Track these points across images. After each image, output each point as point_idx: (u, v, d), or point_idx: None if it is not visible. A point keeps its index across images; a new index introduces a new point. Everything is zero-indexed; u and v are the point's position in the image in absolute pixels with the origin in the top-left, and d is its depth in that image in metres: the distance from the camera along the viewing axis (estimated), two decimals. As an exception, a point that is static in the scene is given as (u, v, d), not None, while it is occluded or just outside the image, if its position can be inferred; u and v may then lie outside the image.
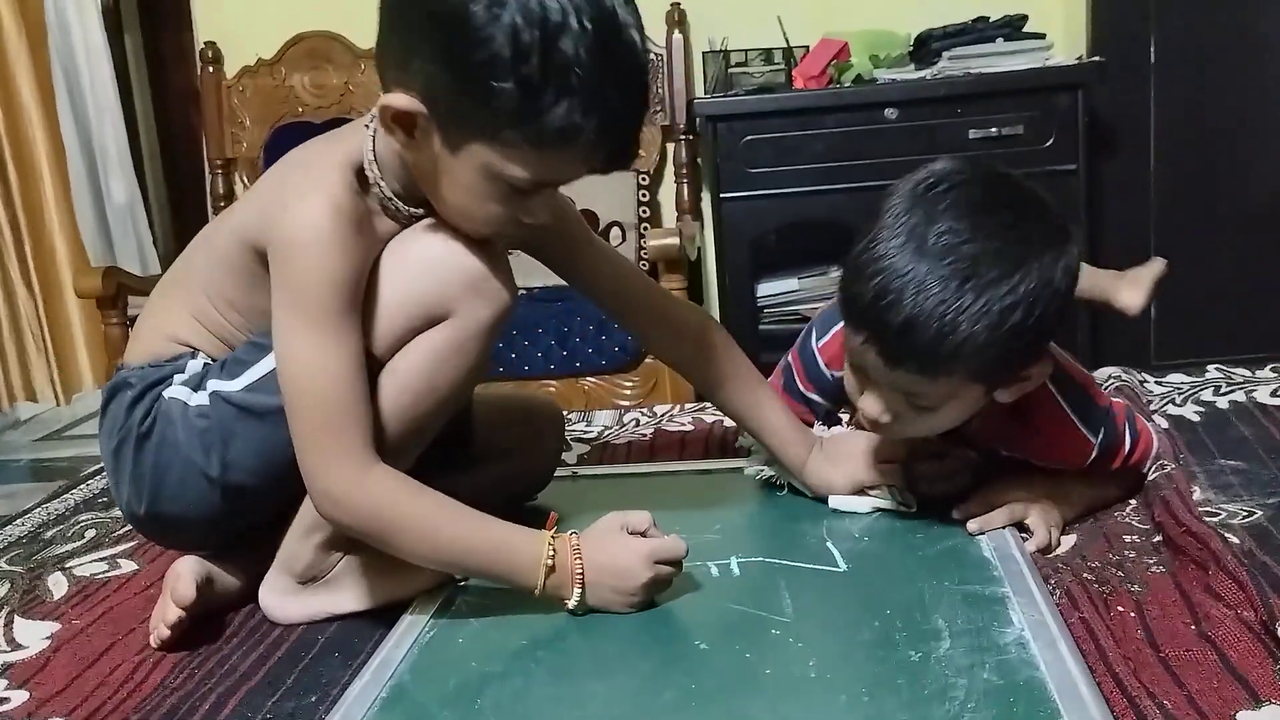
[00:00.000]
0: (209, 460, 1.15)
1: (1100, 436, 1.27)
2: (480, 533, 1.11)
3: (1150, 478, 1.31)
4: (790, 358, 1.47)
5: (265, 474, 1.16)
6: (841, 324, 1.23)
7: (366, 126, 1.15)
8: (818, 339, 1.41)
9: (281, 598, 1.21)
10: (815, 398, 1.44)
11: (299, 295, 1.08)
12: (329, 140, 1.19)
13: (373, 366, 1.13)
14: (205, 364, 1.20)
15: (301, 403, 1.08)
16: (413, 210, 1.16)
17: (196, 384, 1.18)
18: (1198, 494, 1.30)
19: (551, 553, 1.09)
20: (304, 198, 1.09)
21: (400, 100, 1.04)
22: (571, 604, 1.11)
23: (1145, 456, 1.33)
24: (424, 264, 1.14)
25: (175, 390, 1.18)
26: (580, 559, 1.10)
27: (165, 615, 1.15)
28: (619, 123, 1.04)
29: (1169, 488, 1.26)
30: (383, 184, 1.14)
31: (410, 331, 1.14)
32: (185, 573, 1.17)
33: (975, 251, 1.08)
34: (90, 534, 1.52)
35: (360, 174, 1.14)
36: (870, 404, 1.20)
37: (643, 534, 1.13)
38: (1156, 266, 1.56)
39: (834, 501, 1.33)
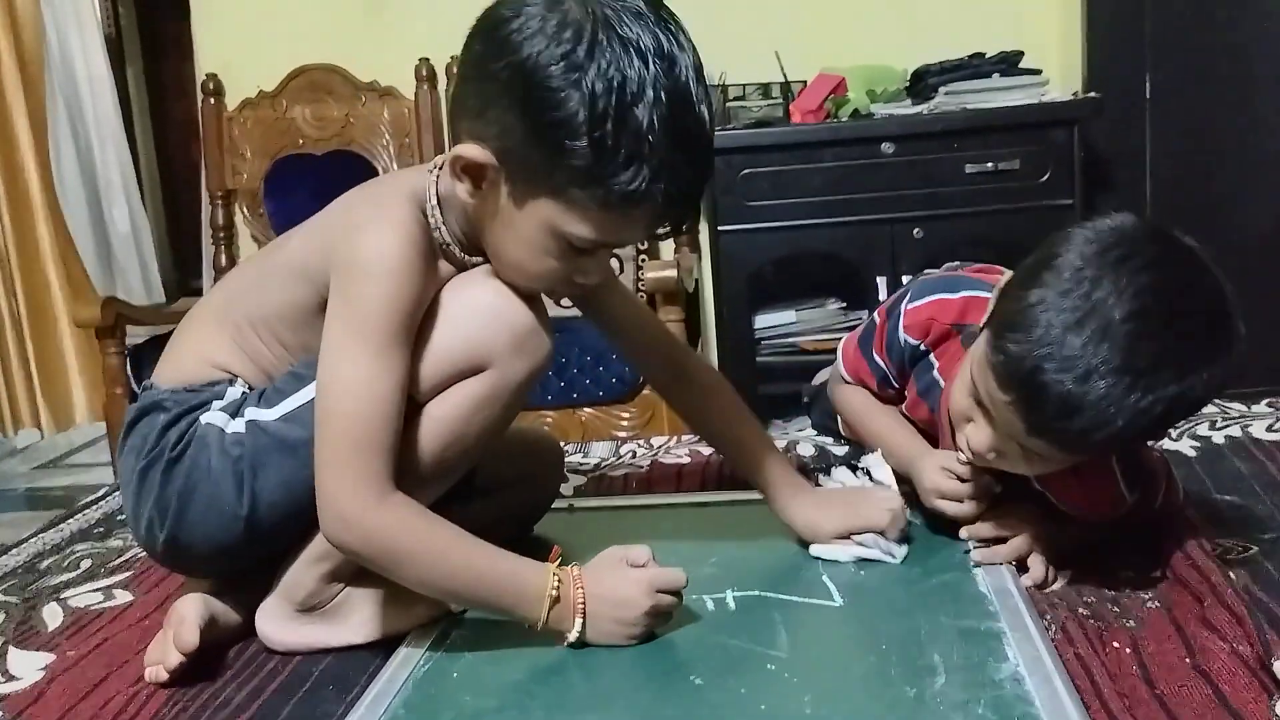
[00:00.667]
0: (237, 488, 1.15)
1: (1135, 494, 1.26)
2: (487, 563, 1.11)
3: (1158, 507, 1.30)
4: (876, 315, 1.47)
5: (288, 508, 1.16)
6: (938, 296, 1.31)
7: (431, 171, 1.17)
8: (910, 301, 1.41)
9: (279, 625, 1.21)
10: (880, 362, 1.45)
11: (358, 316, 1.09)
12: (394, 178, 1.23)
13: (410, 405, 1.13)
14: (244, 392, 1.21)
15: (335, 420, 1.08)
16: (470, 259, 1.18)
17: (234, 411, 1.19)
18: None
19: (556, 583, 1.10)
20: (376, 226, 1.11)
21: (473, 151, 1.07)
22: (572, 636, 1.11)
23: (1169, 508, 1.31)
24: (472, 312, 1.15)
25: (213, 416, 1.19)
26: (582, 590, 1.11)
27: (166, 658, 1.14)
28: (683, 192, 1.07)
29: (1182, 523, 1.25)
30: (443, 228, 1.16)
31: (452, 376, 1.15)
32: (190, 617, 1.16)
33: (1156, 350, 1.05)
34: (86, 564, 1.52)
35: (423, 213, 1.16)
36: (979, 437, 1.19)
37: (642, 567, 1.14)
38: None
39: (815, 549, 1.31)
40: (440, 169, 1.16)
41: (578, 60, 1.00)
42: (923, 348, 1.40)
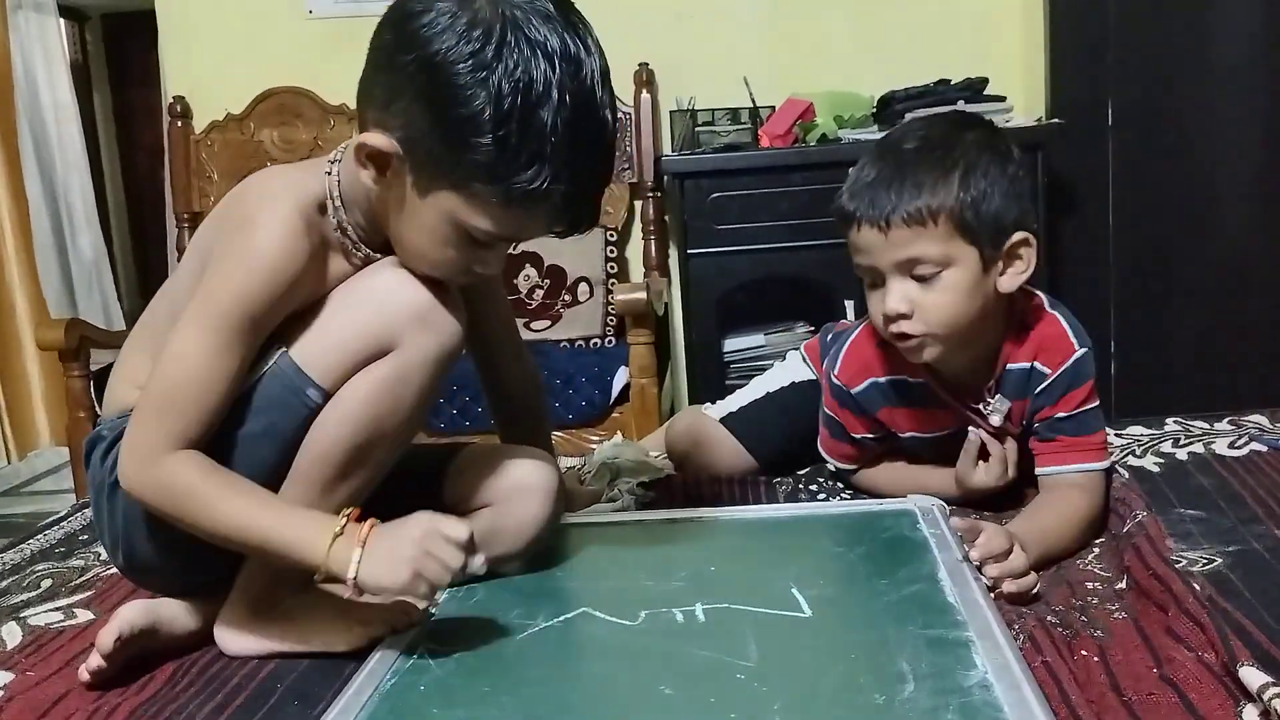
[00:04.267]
0: None
1: (1084, 347, 1.43)
2: (269, 505, 1.12)
3: (1125, 529, 1.32)
4: (830, 411, 1.59)
5: None
6: (845, 345, 1.53)
7: (330, 163, 1.18)
8: (834, 371, 1.55)
9: (233, 630, 1.20)
10: (861, 437, 1.57)
11: (212, 300, 1.11)
12: (284, 174, 1.22)
13: (324, 401, 1.15)
14: None
15: (155, 384, 1.12)
16: (370, 253, 1.19)
17: None
18: (1158, 542, 1.31)
19: (343, 523, 1.09)
20: (258, 222, 1.12)
21: (378, 140, 1.09)
22: (350, 570, 1.06)
23: (1104, 450, 1.47)
24: (371, 296, 1.16)
25: None
26: (370, 530, 1.09)
27: (87, 662, 1.15)
28: (582, 192, 1.11)
29: (1140, 534, 1.27)
30: (347, 224, 1.17)
31: (358, 364, 1.15)
32: (113, 622, 1.16)
33: (925, 132, 1.40)
34: (46, 584, 1.50)
35: (317, 208, 1.16)
36: (891, 299, 1.38)
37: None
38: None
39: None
40: (338, 163, 1.17)
41: (485, 59, 1.03)
42: (869, 384, 1.53)
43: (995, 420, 1.48)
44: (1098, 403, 1.46)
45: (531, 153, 1.05)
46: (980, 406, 1.49)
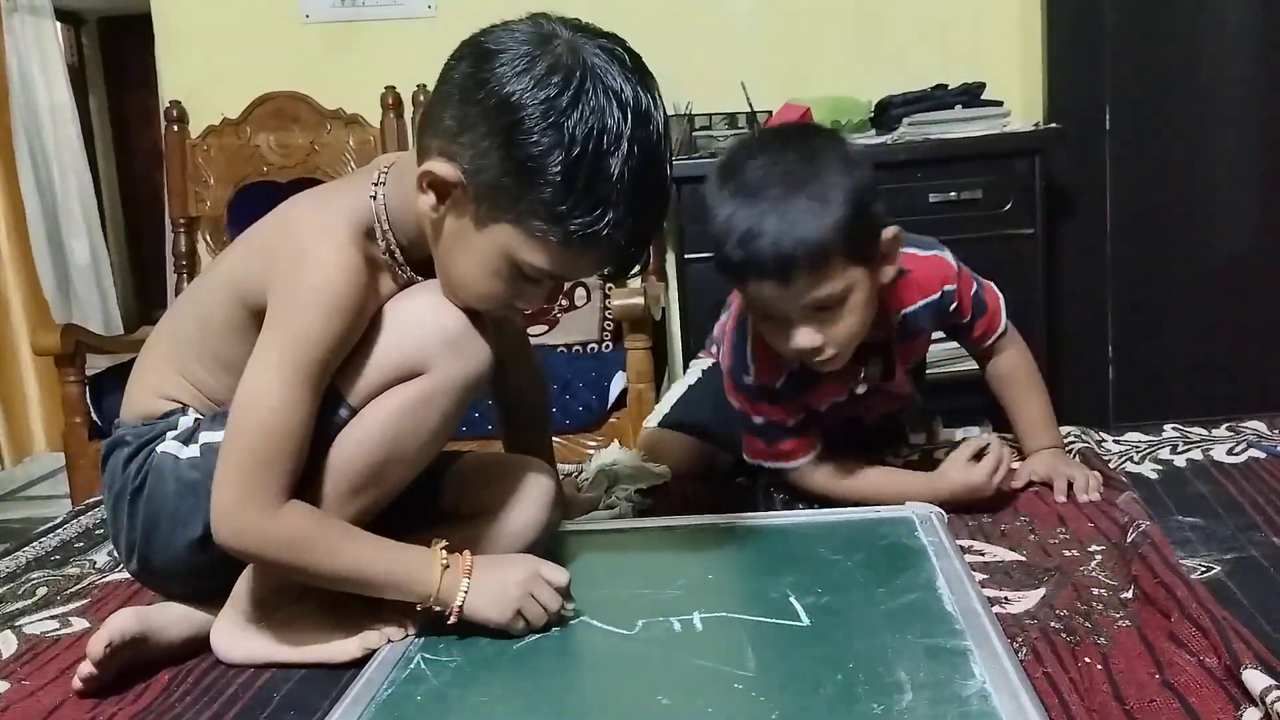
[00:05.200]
0: (195, 509, 1.16)
1: (938, 250, 1.56)
2: (378, 548, 1.15)
3: (1129, 539, 1.31)
4: (754, 417, 1.58)
5: None
6: (749, 349, 1.51)
7: (374, 185, 1.19)
8: (748, 375, 1.55)
9: (229, 637, 1.21)
10: (795, 421, 1.57)
11: (293, 343, 1.11)
12: (332, 198, 1.21)
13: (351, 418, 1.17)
14: (197, 419, 1.22)
15: (243, 435, 1.11)
16: (412, 275, 1.21)
17: (188, 438, 1.20)
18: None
19: (445, 557, 1.15)
20: (319, 255, 1.12)
21: (444, 169, 1.11)
22: (459, 599, 1.14)
23: (1000, 309, 1.62)
24: (407, 321, 1.17)
25: (168, 445, 1.21)
26: (471, 561, 1.16)
27: (79, 670, 1.15)
28: (638, 239, 1.14)
29: (1146, 543, 1.26)
30: (392, 240, 1.19)
31: (387, 385, 1.16)
32: (103, 629, 1.16)
33: (782, 170, 1.35)
34: (41, 591, 1.49)
35: (366, 233, 1.17)
36: (802, 339, 1.39)
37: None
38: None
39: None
40: (381, 185, 1.18)
41: (562, 105, 1.05)
42: (788, 375, 1.54)
43: (862, 389, 1.57)
44: (974, 282, 1.59)
45: (597, 198, 1.07)
46: (862, 376, 1.56)
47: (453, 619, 1.15)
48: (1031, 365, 1.66)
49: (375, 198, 1.19)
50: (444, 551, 1.15)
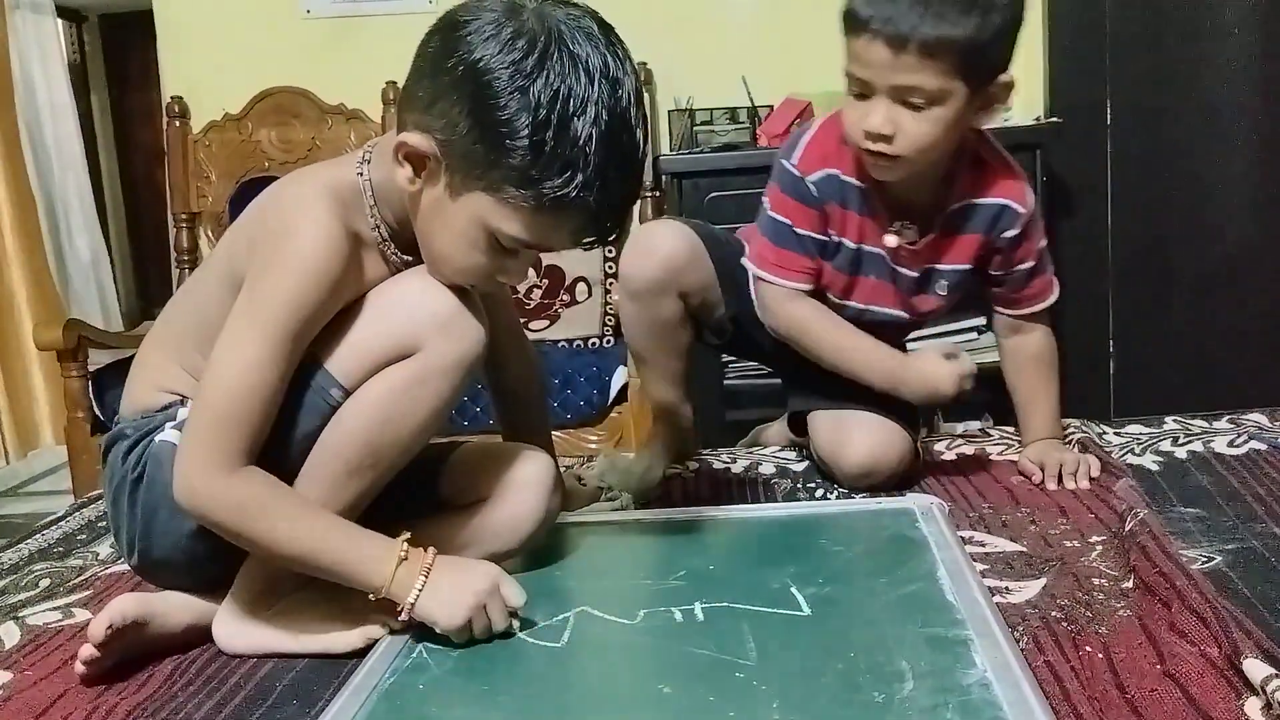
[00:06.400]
0: None
1: (1031, 196, 1.55)
2: (334, 527, 1.14)
3: (1128, 528, 1.31)
4: (775, 212, 1.57)
5: None
6: (808, 135, 1.53)
7: (360, 162, 1.20)
8: (791, 158, 1.54)
9: (230, 627, 1.21)
10: (805, 234, 1.55)
11: (262, 307, 1.12)
12: (314, 176, 1.22)
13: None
14: None
15: (208, 394, 1.12)
16: (403, 257, 1.21)
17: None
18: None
19: (405, 549, 1.13)
20: (295, 222, 1.13)
21: (417, 140, 1.12)
22: (411, 597, 1.12)
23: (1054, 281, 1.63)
24: (397, 302, 1.18)
25: (166, 434, 1.21)
26: (433, 558, 1.14)
27: (80, 652, 1.16)
28: (610, 204, 1.13)
29: (1144, 533, 1.26)
30: (379, 219, 1.20)
31: (380, 366, 1.17)
32: (105, 612, 1.16)
33: None
34: (45, 583, 1.49)
35: (351, 208, 1.18)
36: (875, 118, 1.39)
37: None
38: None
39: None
40: (368, 163, 1.19)
41: (527, 68, 1.07)
42: (827, 173, 1.53)
43: (890, 241, 1.54)
44: (1042, 240, 1.59)
45: (565, 161, 1.08)
46: (895, 227, 1.54)
47: (403, 616, 1.13)
48: (1056, 357, 1.66)
49: (362, 174, 1.19)
50: (406, 545, 1.14)
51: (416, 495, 1.27)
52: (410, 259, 1.22)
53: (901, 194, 1.52)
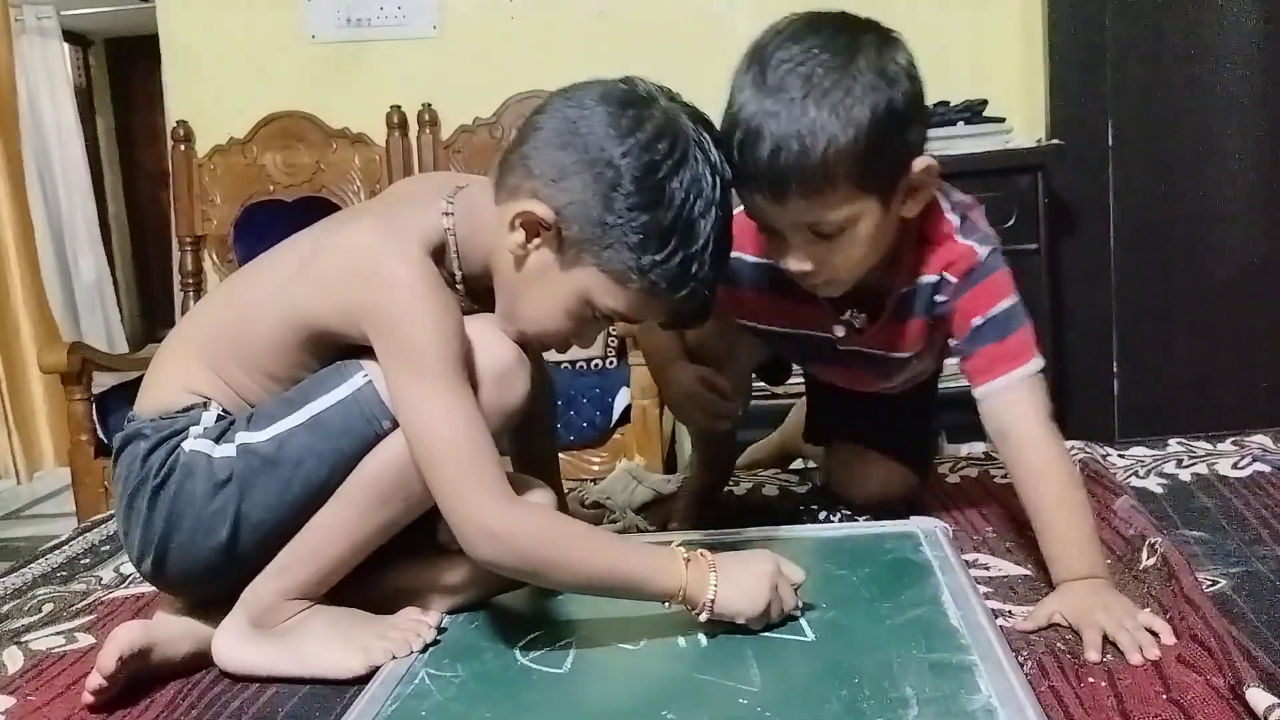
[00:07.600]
0: (224, 510, 1.17)
1: (991, 247, 1.34)
2: (620, 547, 1.19)
3: (1144, 562, 1.29)
4: None
5: (273, 528, 1.18)
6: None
7: (444, 215, 1.21)
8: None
9: (233, 643, 1.21)
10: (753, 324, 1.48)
11: (415, 357, 1.13)
12: (392, 218, 1.22)
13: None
14: (221, 416, 1.22)
15: (440, 455, 1.13)
16: (472, 305, 1.25)
17: (217, 436, 1.20)
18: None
19: (683, 549, 1.17)
20: (394, 271, 1.15)
21: (542, 210, 1.15)
22: (709, 594, 1.14)
23: (1032, 347, 1.31)
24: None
25: (196, 444, 1.19)
26: (713, 557, 1.17)
27: (88, 682, 1.15)
28: (711, 293, 1.20)
29: (1164, 569, 1.23)
30: (457, 266, 1.23)
31: None
32: (113, 643, 1.16)
33: (807, 72, 1.17)
34: (48, 608, 1.49)
35: (436, 255, 1.20)
36: (790, 261, 1.27)
37: None
38: None
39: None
40: (451, 215, 1.21)
41: (665, 169, 1.12)
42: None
43: (839, 331, 1.42)
44: (1016, 299, 1.33)
45: (686, 256, 1.14)
46: (846, 316, 1.41)
47: (703, 615, 1.15)
48: (1071, 467, 1.30)
49: (449, 228, 1.21)
50: (682, 549, 1.17)
51: (415, 537, 1.26)
52: (477, 308, 1.25)
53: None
